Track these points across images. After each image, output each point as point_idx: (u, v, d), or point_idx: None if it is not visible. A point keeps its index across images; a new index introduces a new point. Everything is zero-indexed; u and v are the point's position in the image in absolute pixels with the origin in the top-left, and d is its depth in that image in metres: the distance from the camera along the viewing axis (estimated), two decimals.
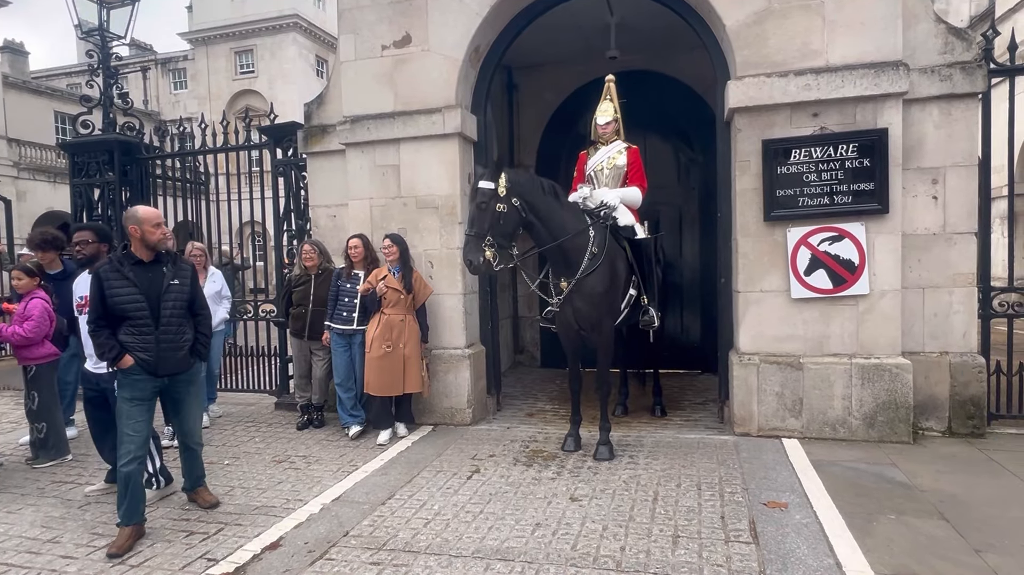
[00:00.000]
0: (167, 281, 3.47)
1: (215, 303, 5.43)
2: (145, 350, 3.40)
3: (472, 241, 4.14)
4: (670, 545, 3.13)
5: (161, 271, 3.48)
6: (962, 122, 4.61)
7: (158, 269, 3.47)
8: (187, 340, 3.56)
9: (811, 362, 4.69)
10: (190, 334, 3.59)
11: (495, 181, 4.14)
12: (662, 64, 7.11)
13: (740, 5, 4.73)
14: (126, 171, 6.93)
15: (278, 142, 6.36)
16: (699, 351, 7.32)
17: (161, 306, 3.43)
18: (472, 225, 4.18)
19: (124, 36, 7.20)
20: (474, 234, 4.13)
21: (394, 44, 5.48)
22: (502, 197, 4.13)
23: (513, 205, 4.18)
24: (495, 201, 4.12)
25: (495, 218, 4.12)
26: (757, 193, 4.77)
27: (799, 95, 4.62)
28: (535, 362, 8.23)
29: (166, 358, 3.46)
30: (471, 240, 4.15)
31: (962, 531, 3.17)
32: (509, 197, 4.16)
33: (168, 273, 3.49)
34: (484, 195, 4.13)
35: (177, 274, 3.53)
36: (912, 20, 4.61)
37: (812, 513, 3.43)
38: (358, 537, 3.34)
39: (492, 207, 4.12)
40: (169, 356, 3.47)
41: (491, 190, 4.13)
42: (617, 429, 4.99)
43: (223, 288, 5.74)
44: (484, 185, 4.14)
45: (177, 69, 32.38)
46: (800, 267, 4.69)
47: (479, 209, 4.14)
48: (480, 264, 4.11)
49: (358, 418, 5.24)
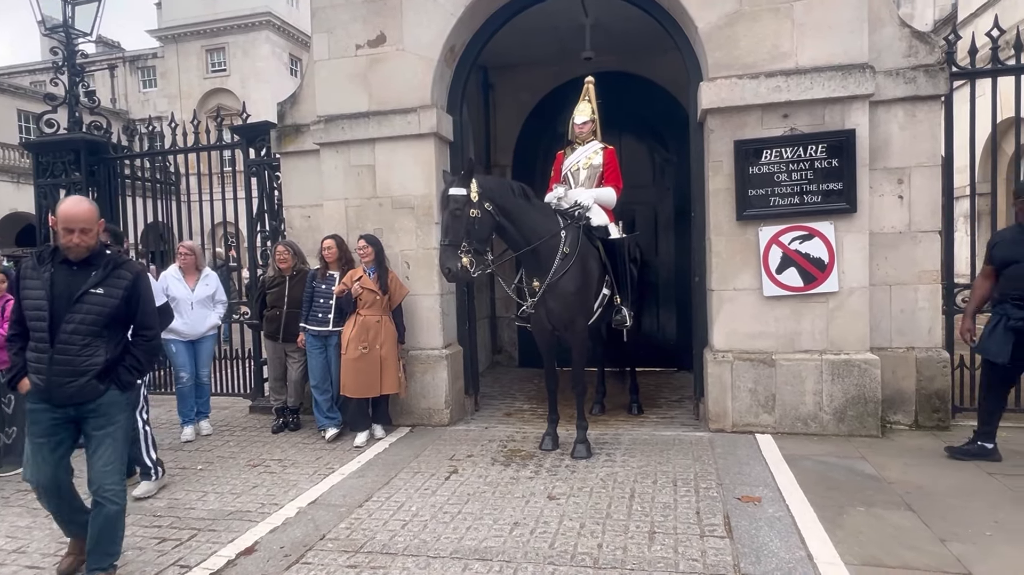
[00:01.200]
0: (85, 288, 2.77)
1: (206, 307, 5.28)
2: (38, 371, 2.78)
3: (448, 249, 4.09)
4: (646, 541, 3.16)
5: (87, 275, 2.80)
6: (926, 123, 4.74)
7: (85, 273, 2.80)
8: (95, 364, 2.79)
9: (783, 359, 4.78)
10: (103, 356, 2.82)
11: (466, 187, 4.11)
12: (637, 65, 7.17)
13: (712, 7, 4.80)
14: (93, 171, 6.78)
15: (251, 142, 6.27)
16: (675, 349, 7.41)
17: (64, 317, 2.73)
18: (447, 233, 4.13)
19: (90, 33, 7.05)
20: (449, 242, 4.09)
21: (368, 43, 5.45)
22: (475, 203, 4.11)
23: (486, 210, 4.17)
24: (468, 207, 4.09)
25: (470, 224, 4.10)
26: (730, 193, 4.84)
27: (769, 96, 4.70)
28: (513, 362, 8.24)
29: (58, 383, 2.75)
30: (447, 249, 4.10)
31: (928, 521, 3.26)
32: (481, 202, 4.14)
33: (93, 279, 2.79)
34: (457, 202, 4.09)
35: (105, 281, 2.81)
36: (878, 24, 4.72)
37: (785, 506, 3.49)
38: (335, 540, 3.31)
39: (466, 213, 4.09)
40: (63, 382, 2.75)
41: (464, 196, 4.10)
42: (594, 427, 5.02)
43: (217, 291, 5.43)
44: (456, 192, 4.10)
45: (146, 67, 31.68)
46: (772, 265, 4.78)
47: (453, 216, 4.10)
48: (458, 271, 4.07)
49: (334, 420, 5.19)
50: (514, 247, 4.48)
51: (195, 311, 5.19)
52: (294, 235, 5.89)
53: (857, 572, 2.79)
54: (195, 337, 5.22)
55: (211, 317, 5.36)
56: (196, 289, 5.22)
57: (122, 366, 2.91)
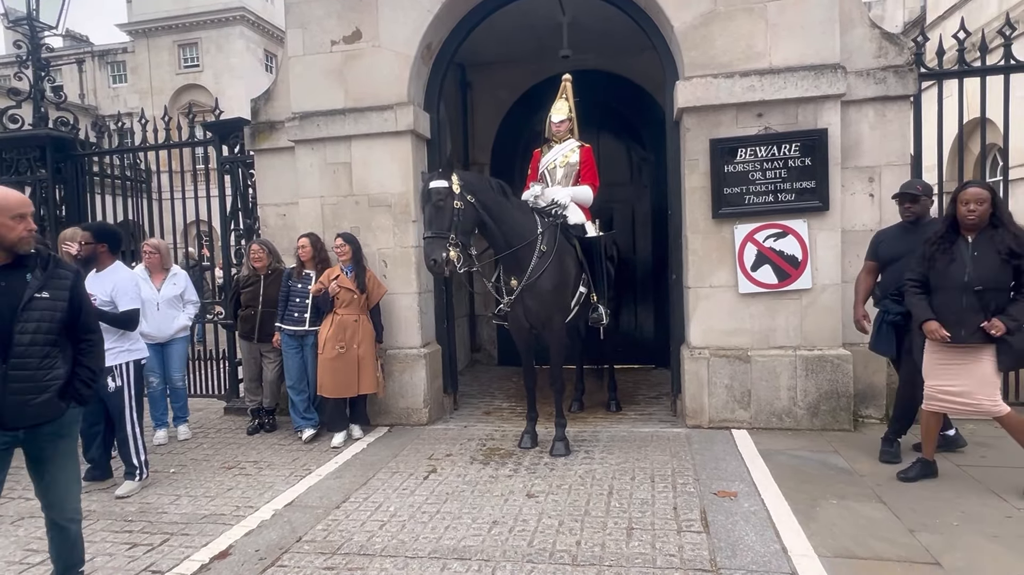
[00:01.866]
0: (29, 293, 2.43)
1: (174, 308, 5.11)
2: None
3: (434, 240, 4.02)
4: (624, 537, 3.18)
5: (22, 279, 2.45)
6: (895, 123, 4.83)
7: (18, 276, 2.45)
8: (56, 378, 2.51)
9: (758, 355, 4.85)
10: (62, 369, 2.54)
11: (447, 179, 4.09)
12: (614, 64, 7.20)
13: (687, 7, 4.83)
14: (59, 168, 6.60)
15: (224, 139, 6.16)
16: (653, 346, 7.47)
17: (15, 329, 2.39)
18: (431, 225, 4.08)
19: (56, 26, 6.84)
20: (434, 234, 4.03)
21: (344, 39, 5.39)
22: (457, 194, 4.08)
23: (469, 202, 4.15)
24: (451, 199, 4.06)
25: (454, 215, 4.05)
26: (706, 191, 4.89)
27: (744, 96, 4.75)
28: (492, 360, 8.23)
29: (16, 404, 2.41)
30: (433, 240, 4.03)
31: (898, 513, 3.33)
32: (464, 194, 4.12)
33: (34, 282, 2.46)
34: (440, 194, 4.05)
35: (48, 284, 2.49)
36: (849, 25, 4.80)
37: (760, 501, 3.54)
38: (312, 542, 3.27)
39: (450, 204, 4.05)
40: (21, 401, 2.42)
41: (446, 188, 4.07)
42: (573, 425, 5.04)
43: (187, 291, 5.24)
44: (437, 184, 4.07)
45: (116, 62, 30.97)
46: (747, 263, 4.84)
47: (437, 208, 4.04)
48: (443, 261, 3.97)
49: (311, 421, 5.14)
50: (494, 244, 4.46)
51: (162, 312, 5.01)
52: (269, 234, 5.80)
53: (830, 564, 2.84)
54: (163, 339, 5.06)
55: (180, 318, 5.17)
56: (163, 289, 5.06)
57: (78, 380, 2.62)
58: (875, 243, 4.21)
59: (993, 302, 3.38)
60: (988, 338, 3.37)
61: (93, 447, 4.26)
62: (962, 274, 3.41)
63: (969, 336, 3.40)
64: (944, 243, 3.49)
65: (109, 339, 3.94)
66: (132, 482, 4.09)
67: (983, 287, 3.36)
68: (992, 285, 3.37)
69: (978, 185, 3.45)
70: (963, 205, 3.42)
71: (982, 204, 3.38)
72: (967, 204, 3.41)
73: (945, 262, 3.46)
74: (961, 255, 3.44)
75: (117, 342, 4.01)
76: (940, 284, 3.49)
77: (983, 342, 3.40)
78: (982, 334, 3.38)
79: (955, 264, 3.43)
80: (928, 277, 3.56)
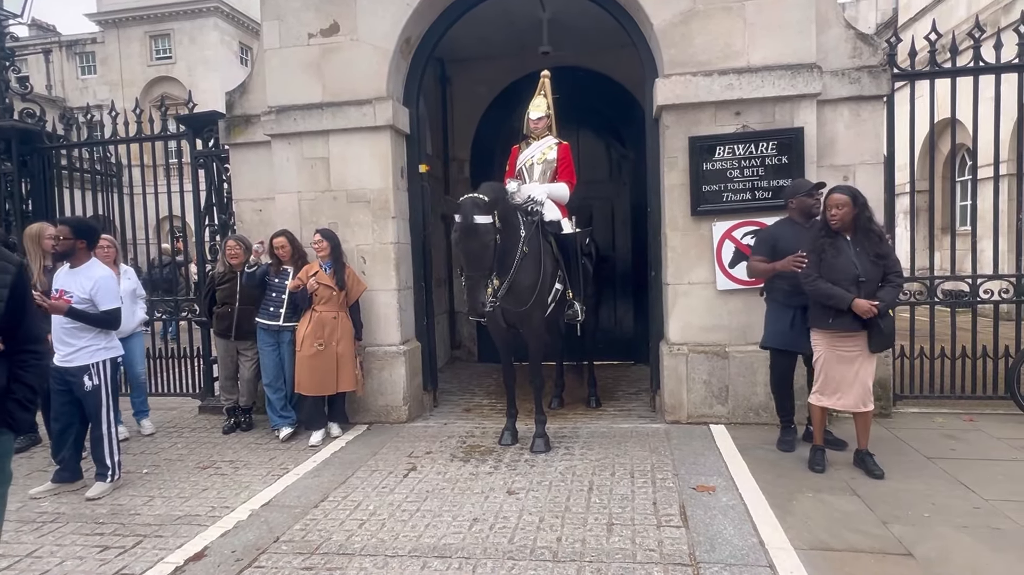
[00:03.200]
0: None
1: (131, 302, 5.08)
2: None
3: (480, 282, 3.92)
4: (605, 533, 3.19)
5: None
6: (869, 123, 4.91)
7: None
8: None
9: (736, 351, 4.90)
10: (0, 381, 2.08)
11: (491, 214, 3.91)
12: (593, 61, 7.21)
13: (667, 5, 4.85)
14: (25, 161, 6.41)
15: (198, 132, 6.04)
16: (632, 342, 7.52)
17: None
18: (474, 265, 3.92)
19: (21, 15, 6.64)
20: (480, 275, 3.91)
21: (321, 32, 5.31)
22: (497, 228, 3.97)
23: (498, 229, 4.03)
24: (493, 233, 3.93)
25: (495, 250, 3.96)
26: (685, 188, 4.92)
27: (723, 94, 4.79)
28: (472, 357, 8.21)
29: None
30: (478, 282, 3.91)
31: (872, 505, 3.40)
32: (498, 223, 3.99)
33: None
34: (487, 231, 3.89)
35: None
36: (824, 25, 4.86)
37: (738, 495, 3.58)
38: (289, 542, 3.23)
39: (492, 240, 3.93)
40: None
41: (490, 225, 3.90)
42: (553, 421, 5.05)
43: (138, 287, 5.35)
44: (483, 220, 3.88)
45: (85, 53, 30.16)
46: (725, 260, 4.88)
47: (483, 247, 3.88)
48: (487, 302, 3.90)
49: (288, 419, 5.07)
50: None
51: (125, 307, 4.92)
52: (244, 229, 5.70)
53: (806, 556, 2.88)
54: (126, 334, 4.98)
55: (138, 312, 5.24)
56: (121, 284, 4.96)
57: (12, 400, 2.09)
58: (771, 240, 4.16)
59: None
60: (863, 323, 3.67)
61: (65, 448, 4.13)
62: (851, 267, 3.66)
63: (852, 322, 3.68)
64: (828, 240, 3.75)
65: (87, 337, 3.89)
66: (104, 483, 4.00)
67: (867, 279, 3.65)
68: (872, 277, 3.68)
69: (841, 191, 3.75)
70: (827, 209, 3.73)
71: (842, 208, 3.67)
72: (830, 208, 3.71)
73: (833, 256, 3.70)
74: (845, 251, 3.70)
75: (94, 339, 3.93)
76: (832, 276, 3.70)
77: (862, 328, 3.70)
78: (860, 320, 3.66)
79: (843, 258, 3.68)
80: (820, 271, 3.76)
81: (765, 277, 4.24)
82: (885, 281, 3.72)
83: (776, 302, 4.20)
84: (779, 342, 4.19)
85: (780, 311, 4.16)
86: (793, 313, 4.08)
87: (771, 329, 4.24)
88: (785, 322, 4.12)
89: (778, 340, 4.19)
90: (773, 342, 4.23)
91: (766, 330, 4.30)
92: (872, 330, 3.68)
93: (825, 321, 3.76)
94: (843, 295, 3.65)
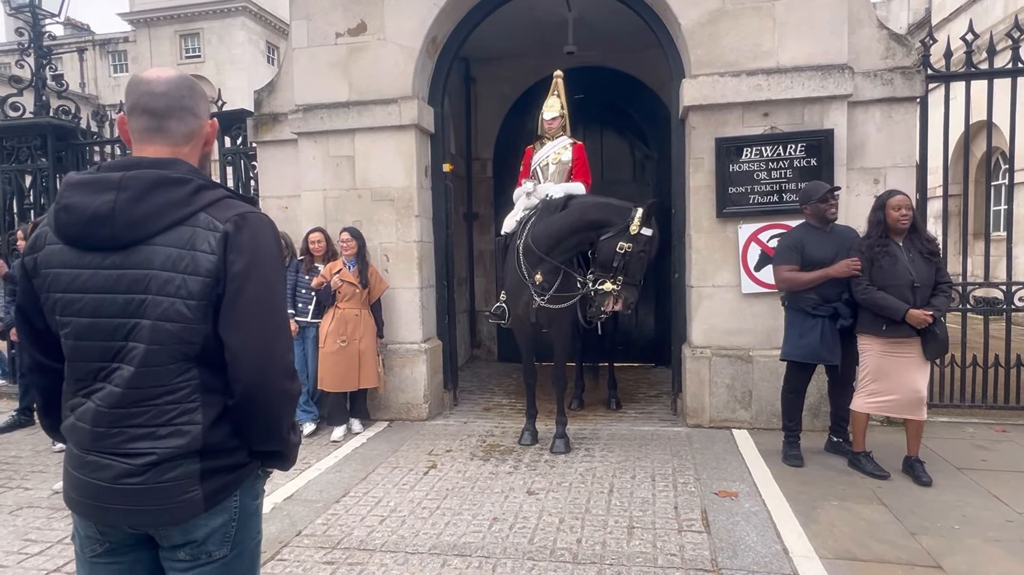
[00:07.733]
0: None
1: None
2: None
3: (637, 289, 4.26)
4: (625, 536, 3.17)
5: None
6: (902, 125, 4.81)
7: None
8: None
9: (760, 355, 4.83)
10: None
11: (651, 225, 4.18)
12: (619, 61, 7.17)
13: (695, 5, 4.81)
14: (60, 157, 6.58)
15: (226, 130, 6.13)
16: (653, 344, 7.46)
17: None
18: (634, 274, 4.20)
19: (57, 14, 6.83)
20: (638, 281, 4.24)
21: (348, 32, 5.35)
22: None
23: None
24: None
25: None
26: (710, 190, 4.87)
27: (751, 95, 4.73)
28: (492, 356, 8.22)
29: None
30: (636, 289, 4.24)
31: (899, 515, 3.32)
32: None
33: None
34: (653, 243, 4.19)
35: None
36: (856, 25, 4.78)
37: (761, 501, 3.54)
38: (311, 536, 3.26)
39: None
40: None
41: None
42: (573, 422, 5.03)
43: None
44: (649, 232, 4.15)
45: (117, 51, 30.90)
46: (751, 263, 4.82)
47: (644, 254, 4.16)
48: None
49: (311, 415, 5.12)
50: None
51: None
52: None
53: (831, 565, 2.83)
54: None
55: None
56: None
57: None
58: (798, 247, 3.99)
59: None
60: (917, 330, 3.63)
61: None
62: (907, 273, 3.63)
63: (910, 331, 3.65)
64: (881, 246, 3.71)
65: None
66: None
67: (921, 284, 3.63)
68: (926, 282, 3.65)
69: (900, 193, 3.75)
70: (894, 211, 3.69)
71: (910, 209, 3.70)
72: (899, 210, 3.68)
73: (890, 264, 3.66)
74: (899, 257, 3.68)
75: None
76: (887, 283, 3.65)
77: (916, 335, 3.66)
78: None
79: (899, 265, 3.65)
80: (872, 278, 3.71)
81: (808, 287, 3.94)
82: (936, 288, 3.68)
83: (802, 311, 3.98)
84: (804, 355, 3.99)
85: (806, 321, 3.95)
86: (821, 323, 3.90)
87: (795, 342, 4.02)
88: (813, 334, 3.91)
89: (802, 353, 3.99)
90: (797, 354, 4.03)
91: (787, 342, 4.09)
92: (926, 337, 3.63)
93: (878, 328, 3.70)
94: (898, 305, 3.59)
